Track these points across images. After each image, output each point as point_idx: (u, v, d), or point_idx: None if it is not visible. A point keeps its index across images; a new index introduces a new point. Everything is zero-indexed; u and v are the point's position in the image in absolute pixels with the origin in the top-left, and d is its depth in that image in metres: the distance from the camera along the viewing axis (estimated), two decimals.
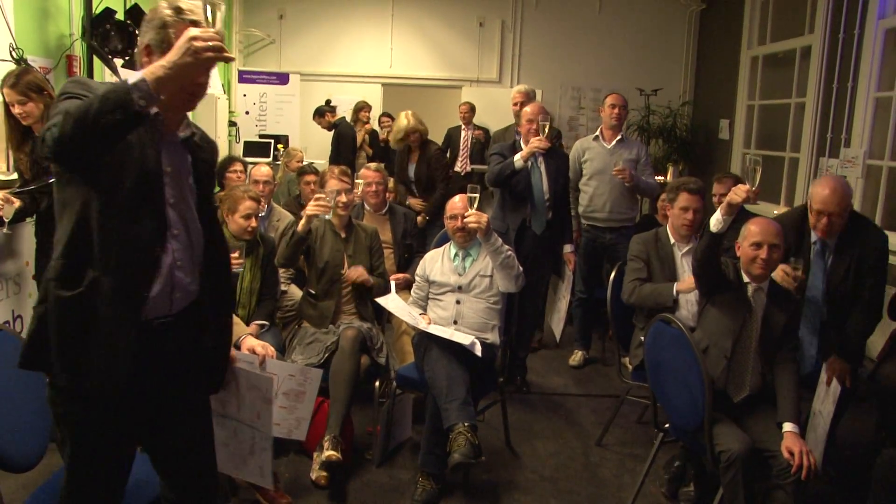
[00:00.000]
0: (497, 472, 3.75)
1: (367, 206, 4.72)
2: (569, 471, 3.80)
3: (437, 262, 3.93)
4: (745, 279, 3.19)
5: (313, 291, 3.97)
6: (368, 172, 4.70)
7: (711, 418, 2.88)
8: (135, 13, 4.95)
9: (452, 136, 8.43)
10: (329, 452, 3.36)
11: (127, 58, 4.96)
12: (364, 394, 3.80)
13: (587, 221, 5.30)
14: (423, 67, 9.26)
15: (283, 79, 8.86)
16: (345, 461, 3.46)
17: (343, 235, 4.01)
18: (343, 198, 3.95)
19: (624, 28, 9.16)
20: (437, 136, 8.80)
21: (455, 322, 3.79)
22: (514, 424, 4.14)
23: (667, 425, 3.28)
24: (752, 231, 3.15)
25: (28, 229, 4.00)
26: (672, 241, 3.92)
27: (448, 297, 3.85)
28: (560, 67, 9.26)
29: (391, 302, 3.84)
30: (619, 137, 5.22)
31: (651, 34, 9.16)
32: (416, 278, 4.00)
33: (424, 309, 3.92)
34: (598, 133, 5.28)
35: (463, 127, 8.31)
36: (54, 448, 2.43)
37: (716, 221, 3.09)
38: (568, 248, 4.89)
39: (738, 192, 3.02)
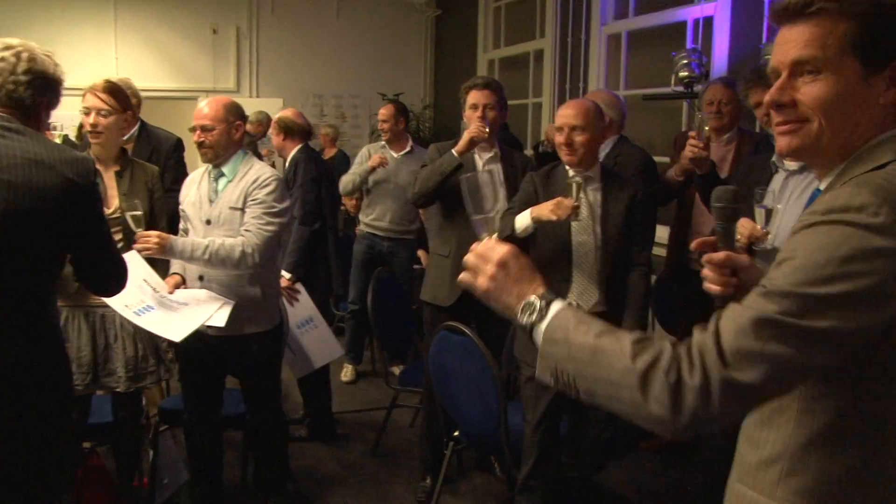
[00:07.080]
0: None
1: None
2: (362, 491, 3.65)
3: (194, 185, 2.99)
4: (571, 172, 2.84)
5: None
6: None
7: (507, 424, 2.84)
8: None
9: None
10: None
11: None
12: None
13: (369, 230, 5.16)
14: (152, 78, 8.51)
15: None
16: None
17: (117, 169, 2.91)
18: (92, 119, 2.82)
19: (363, 33, 9.14)
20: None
21: (201, 279, 2.89)
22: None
23: (456, 433, 3.22)
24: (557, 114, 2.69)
25: None
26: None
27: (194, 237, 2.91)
28: (301, 74, 9.03)
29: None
30: (407, 149, 5.07)
31: (390, 39, 9.23)
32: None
33: None
34: (383, 143, 5.10)
35: None
36: None
37: (524, 227, 2.74)
38: None
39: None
